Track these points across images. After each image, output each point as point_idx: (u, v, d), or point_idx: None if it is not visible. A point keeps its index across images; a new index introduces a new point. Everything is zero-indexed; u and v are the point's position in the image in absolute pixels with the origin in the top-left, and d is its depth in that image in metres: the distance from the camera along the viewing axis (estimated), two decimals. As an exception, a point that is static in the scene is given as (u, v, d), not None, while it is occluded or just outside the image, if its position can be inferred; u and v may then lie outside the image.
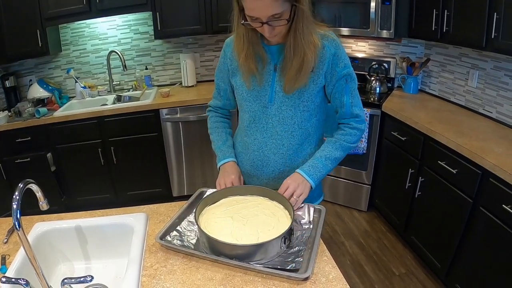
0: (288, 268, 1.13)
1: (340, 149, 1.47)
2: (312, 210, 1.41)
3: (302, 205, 1.42)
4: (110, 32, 3.74)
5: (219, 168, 1.60)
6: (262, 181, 1.59)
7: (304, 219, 1.37)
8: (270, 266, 1.14)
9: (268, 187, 1.49)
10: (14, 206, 0.97)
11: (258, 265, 1.15)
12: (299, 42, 1.29)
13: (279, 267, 1.14)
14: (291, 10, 1.24)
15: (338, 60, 1.38)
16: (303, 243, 1.24)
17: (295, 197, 1.39)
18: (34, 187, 1.09)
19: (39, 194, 1.14)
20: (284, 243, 1.20)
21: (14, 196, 0.98)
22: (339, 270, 1.15)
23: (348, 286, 1.09)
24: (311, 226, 1.34)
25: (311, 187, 1.43)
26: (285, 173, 1.52)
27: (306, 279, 1.11)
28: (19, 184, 1.02)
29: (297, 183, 1.41)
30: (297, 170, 1.45)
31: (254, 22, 1.26)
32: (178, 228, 1.35)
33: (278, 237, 1.16)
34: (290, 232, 1.22)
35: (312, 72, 1.38)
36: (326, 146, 1.49)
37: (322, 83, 1.42)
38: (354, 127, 1.49)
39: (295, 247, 1.22)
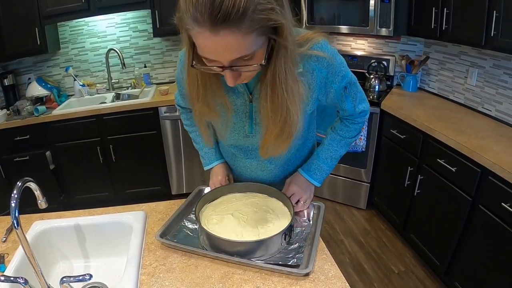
0: (290, 264, 1.13)
1: (344, 146, 1.39)
2: (311, 207, 1.42)
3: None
4: (108, 30, 3.74)
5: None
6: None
7: (303, 216, 1.38)
8: (271, 262, 1.14)
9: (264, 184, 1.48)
10: (13, 205, 0.97)
11: (259, 262, 1.15)
12: (280, 96, 0.97)
13: (280, 263, 1.14)
14: (268, 48, 0.88)
15: (333, 76, 1.13)
16: (303, 240, 1.25)
17: (302, 202, 1.37)
18: (32, 186, 1.09)
19: (37, 193, 1.13)
20: (285, 240, 1.21)
21: (12, 195, 0.98)
22: (338, 268, 1.15)
23: (347, 284, 1.09)
24: (311, 223, 1.35)
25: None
26: (274, 185, 1.45)
27: (307, 274, 1.11)
28: (18, 183, 1.01)
29: (303, 190, 1.37)
30: (302, 173, 1.39)
31: (211, 64, 0.88)
32: (177, 226, 1.35)
33: (279, 233, 1.16)
34: (290, 228, 1.22)
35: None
36: (331, 144, 1.38)
37: (313, 107, 1.23)
38: (357, 122, 1.35)
39: (295, 244, 1.23)
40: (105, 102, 3.53)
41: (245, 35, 0.78)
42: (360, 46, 3.74)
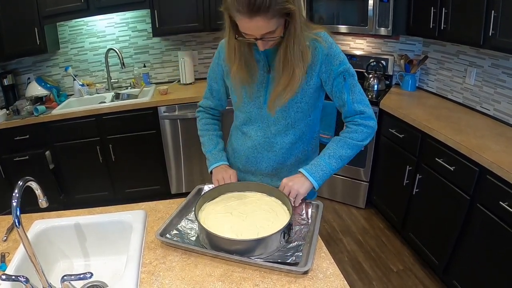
0: (288, 262, 1.14)
1: (345, 147, 1.42)
2: (310, 205, 1.43)
3: (300, 203, 1.43)
4: (108, 30, 3.74)
5: (211, 171, 1.60)
6: (256, 177, 1.61)
7: (302, 214, 1.39)
8: (270, 261, 1.15)
9: (263, 183, 1.51)
10: (14, 204, 0.98)
11: (258, 260, 1.16)
12: (290, 59, 1.29)
13: (279, 261, 1.15)
14: (285, 25, 1.24)
15: (332, 59, 1.36)
16: (301, 238, 1.26)
17: (291, 198, 1.39)
18: (33, 185, 1.09)
19: (38, 192, 1.14)
20: (284, 238, 1.22)
21: (13, 194, 0.99)
22: (336, 267, 1.16)
23: (345, 282, 1.10)
24: (309, 221, 1.35)
25: (313, 186, 1.40)
26: (278, 170, 1.56)
27: (305, 272, 1.12)
28: (19, 182, 1.02)
29: (293, 182, 1.40)
30: (300, 169, 1.43)
31: (248, 37, 1.26)
32: (177, 226, 1.36)
33: (278, 232, 1.17)
34: (289, 227, 1.23)
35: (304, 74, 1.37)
36: (330, 144, 1.46)
37: (317, 83, 1.41)
38: (359, 124, 1.43)
39: (294, 242, 1.24)
40: (104, 102, 3.53)
41: (270, 19, 1.17)
42: (359, 46, 3.74)
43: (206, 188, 1.56)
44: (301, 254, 1.18)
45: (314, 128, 1.56)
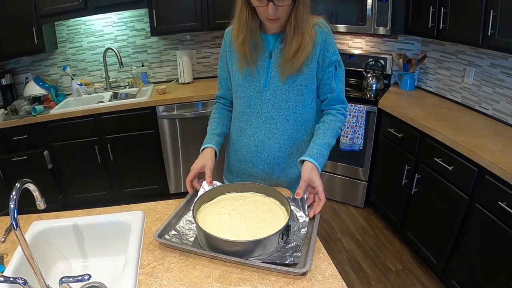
0: (287, 262, 1.14)
1: (335, 136, 1.51)
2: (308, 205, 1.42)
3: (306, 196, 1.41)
4: (106, 29, 3.73)
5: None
6: (258, 167, 1.61)
7: (300, 215, 1.38)
8: (268, 262, 1.15)
9: (265, 174, 1.56)
10: (12, 206, 0.97)
11: (257, 261, 1.16)
12: (300, 24, 1.36)
13: (277, 262, 1.14)
14: None
15: (329, 46, 1.45)
16: (300, 239, 1.25)
17: (321, 193, 1.37)
18: (31, 187, 1.09)
19: (36, 194, 1.14)
20: (282, 239, 1.21)
21: (11, 196, 0.98)
22: (335, 267, 1.16)
23: (343, 283, 1.09)
24: (307, 219, 1.35)
25: None
26: (280, 159, 1.56)
27: (304, 274, 1.12)
28: (16, 184, 1.02)
29: (317, 175, 1.38)
30: (309, 159, 1.39)
31: (261, 1, 1.30)
32: (176, 227, 1.35)
33: (276, 233, 1.17)
34: (287, 227, 1.23)
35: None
36: (325, 133, 1.48)
37: (315, 68, 1.47)
38: (342, 113, 1.55)
39: (292, 243, 1.23)
40: (102, 101, 3.53)
41: None
42: (357, 45, 3.74)
43: (201, 190, 1.51)
44: (299, 255, 1.17)
45: (314, 118, 1.60)
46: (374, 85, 3.41)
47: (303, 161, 1.42)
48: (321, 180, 1.39)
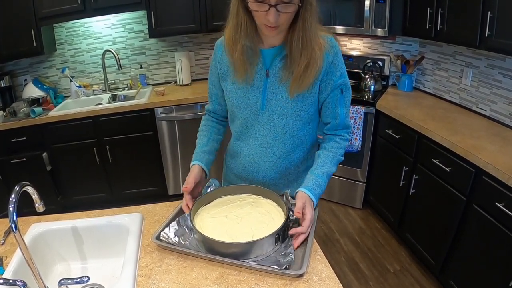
0: (283, 263, 1.14)
1: (336, 164, 1.43)
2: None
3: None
4: (104, 31, 3.74)
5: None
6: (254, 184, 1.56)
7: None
8: (265, 264, 1.15)
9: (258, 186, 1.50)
10: (11, 209, 0.98)
11: (253, 263, 1.16)
12: (308, 34, 1.22)
13: (274, 264, 1.15)
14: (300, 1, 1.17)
15: (335, 68, 1.33)
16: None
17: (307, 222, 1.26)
18: (30, 190, 1.09)
19: (35, 197, 1.14)
20: (279, 240, 1.22)
21: (10, 199, 0.99)
22: (331, 269, 1.17)
23: (340, 285, 1.10)
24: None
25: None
26: (276, 180, 1.52)
27: (301, 275, 1.12)
28: (15, 187, 1.02)
29: (311, 208, 1.29)
30: (305, 191, 1.31)
31: (261, 5, 1.16)
32: (173, 228, 1.36)
33: (272, 234, 1.17)
34: (283, 229, 1.23)
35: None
36: (325, 161, 1.40)
37: (317, 93, 1.37)
38: (346, 139, 1.45)
39: (289, 244, 1.24)
40: (101, 103, 3.53)
41: None
42: (355, 46, 3.75)
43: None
44: (293, 257, 1.16)
45: (312, 137, 1.52)
46: (372, 87, 3.42)
47: None
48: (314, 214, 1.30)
